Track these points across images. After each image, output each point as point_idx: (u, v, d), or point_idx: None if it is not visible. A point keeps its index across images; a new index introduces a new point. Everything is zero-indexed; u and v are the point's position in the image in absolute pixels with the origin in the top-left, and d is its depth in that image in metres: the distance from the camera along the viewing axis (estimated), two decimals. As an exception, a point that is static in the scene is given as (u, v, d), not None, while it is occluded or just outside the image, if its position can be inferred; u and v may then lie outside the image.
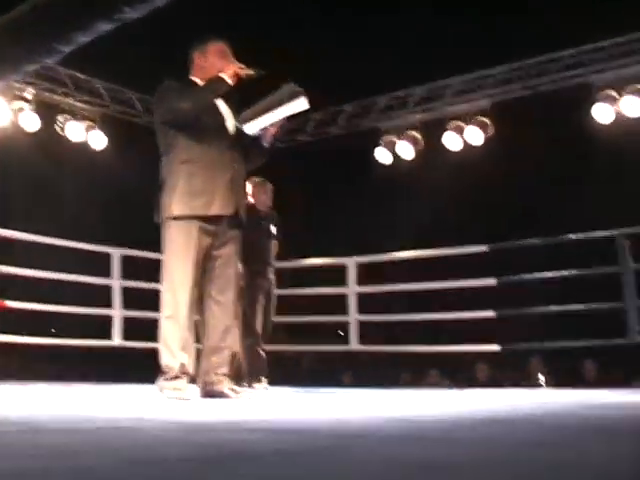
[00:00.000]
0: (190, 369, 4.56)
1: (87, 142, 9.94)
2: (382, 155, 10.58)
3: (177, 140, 4.64)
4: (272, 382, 7.07)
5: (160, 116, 4.72)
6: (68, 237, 8.38)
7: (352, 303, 9.04)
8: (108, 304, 8.49)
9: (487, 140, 9.94)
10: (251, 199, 7.04)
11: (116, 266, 8.57)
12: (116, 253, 8.60)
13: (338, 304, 9.20)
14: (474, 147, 9.99)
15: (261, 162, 5.08)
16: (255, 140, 4.82)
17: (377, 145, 10.58)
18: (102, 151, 10.04)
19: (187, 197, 4.56)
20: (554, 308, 8.42)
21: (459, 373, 9.98)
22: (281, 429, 2.68)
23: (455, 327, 8.92)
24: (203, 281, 4.68)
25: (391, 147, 10.50)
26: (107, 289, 8.52)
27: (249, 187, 6.95)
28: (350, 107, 10.86)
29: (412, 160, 10.49)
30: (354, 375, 10.39)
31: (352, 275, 9.10)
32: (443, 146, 10.16)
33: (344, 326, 9.15)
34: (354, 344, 9.06)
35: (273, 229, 7.18)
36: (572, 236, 8.22)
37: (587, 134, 9.49)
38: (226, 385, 4.70)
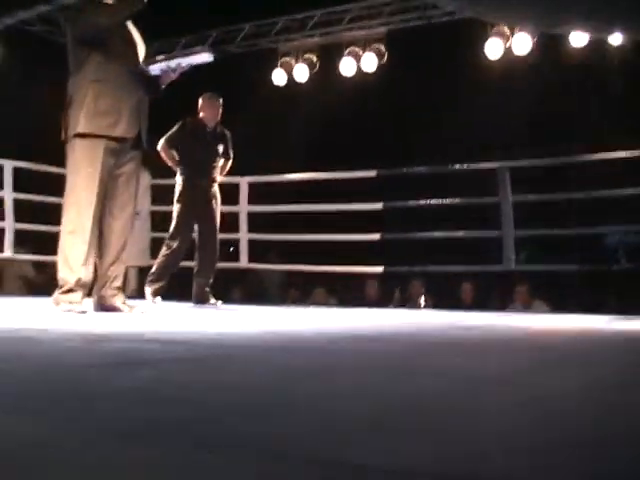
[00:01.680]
0: (87, 283, 4.73)
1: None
2: (278, 76, 10.69)
3: (89, 59, 4.71)
4: (167, 297, 7.26)
5: (78, 30, 4.74)
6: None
7: (243, 222, 9.23)
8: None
9: (380, 67, 10.17)
10: (201, 113, 7.18)
11: (7, 178, 8.47)
12: (8, 165, 8.48)
13: (230, 222, 9.38)
14: (367, 73, 10.20)
15: (151, 98, 5.15)
16: (154, 77, 4.99)
17: (274, 66, 10.67)
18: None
19: (94, 116, 4.66)
20: (437, 234, 8.80)
21: (348, 293, 10.30)
22: (171, 340, 2.91)
23: (344, 248, 9.20)
24: (104, 199, 4.80)
25: (288, 69, 10.61)
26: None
27: (200, 101, 7.18)
28: (248, 27, 10.87)
29: (306, 82, 10.65)
30: (244, 292, 10.63)
31: (244, 194, 9.27)
32: (337, 70, 10.34)
33: (235, 244, 9.34)
34: (244, 262, 9.30)
35: (220, 147, 7.29)
36: (456, 166, 8.58)
37: (478, 67, 9.80)
38: (120, 299, 4.88)
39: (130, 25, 4.97)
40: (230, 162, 7.47)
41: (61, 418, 1.25)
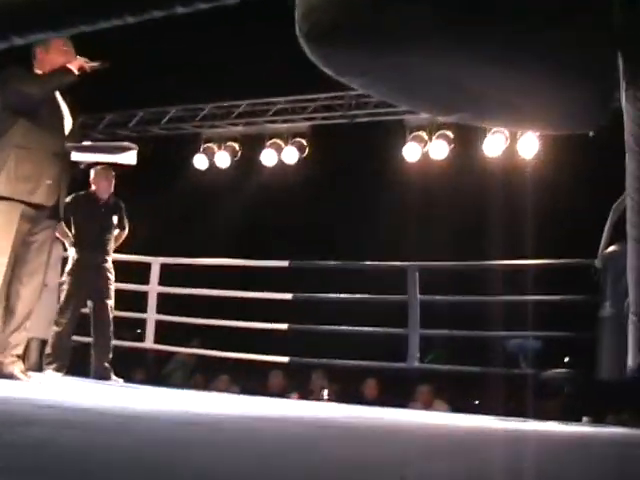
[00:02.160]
0: None
1: None
2: (200, 161, 10.80)
3: (16, 125, 4.75)
4: (70, 372, 7.13)
5: (6, 98, 4.78)
6: None
7: (152, 301, 9.17)
8: None
9: (301, 160, 10.38)
10: (93, 186, 7.17)
11: None
12: None
13: (138, 301, 9.30)
14: (288, 165, 10.39)
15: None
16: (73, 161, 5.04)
17: (196, 151, 10.78)
18: None
19: (14, 180, 4.68)
20: (344, 328, 8.87)
21: (253, 381, 10.23)
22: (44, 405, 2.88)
23: (251, 336, 9.20)
24: (14, 265, 4.76)
25: (210, 155, 10.74)
26: None
27: (91, 173, 7.09)
28: (174, 110, 11.00)
29: (227, 169, 10.78)
30: (147, 372, 10.47)
31: (155, 274, 9.23)
32: (259, 160, 10.50)
33: (142, 323, 9.25)
34: (149, 342, 9.19)
35: (114, 218, 7.26)
36: (368, 263, 8.74)
37: (395, 170, 10.09)
38: (18, 367, 4.79)
39: (58, 96, 5.04)
40: (125, 232, 7.47)
41: None
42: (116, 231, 7.38)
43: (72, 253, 7.16)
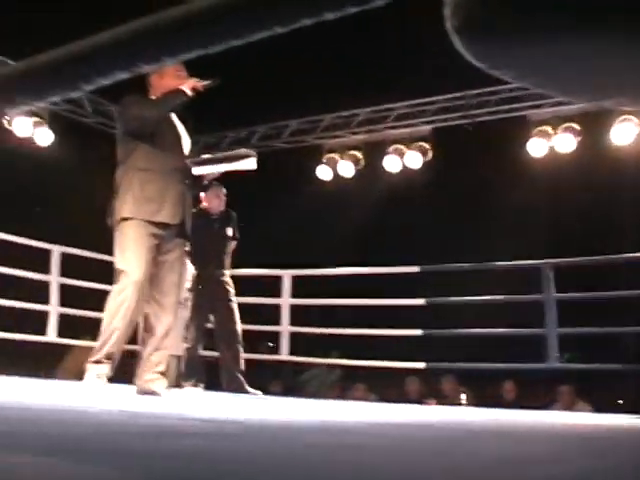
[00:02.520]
0: (116, 359, 4.81)
1: (33, 137, 10.01)
2: (323, 172, 10.85)
3: (137, 149, 4.92)
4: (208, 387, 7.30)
5: (126, 123, 4.98)
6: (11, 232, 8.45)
7: (285, 314, 9.26)
8: (46, 301, 8.56)
9: (425, 164, 10.30)
10: (204, 203, 7.32)
11: (55, 263, 8.62)
12: (56, 250, 8.65)
13: (270, 315, 9.42)
14: (412, 170, 10.32)
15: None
16: (197, 176, 5.22)
17: (319, 162, 10.84)
18: (48, 147, 10.10)
19: (139, 202, 4.84)
20: (480, 330, 8.75)
21: (389, 388, 10.22)
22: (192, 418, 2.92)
23: (385, 343, 9.18)
24: (149, 285, 4.91)
25: (333, 165, 10.77)
26: (46, 285, 8.59)
27: (201, 194, 7.26)
28: (295, 123, 11.11)
29: (351, 178, 10.79)
30: (283, 384, 10.59)
31: (287, 287, 9.32)
32: (382, 166, 10.47)
33: (276, 336, 9.34)
34: (284, 354, 9.29)
35: (229, 231, 7.39)
36: (500, 263, 8.58)
37: (520, 167, 9.91)
38: (161, 384, 4.92)
39: (174, 118, 5.20)
40: (235, 243, 7.53)
41: None
42: (233, 243, 7.49)
43: (191, 270, 7.29)
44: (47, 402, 3.71)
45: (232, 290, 7.35)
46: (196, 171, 5.15)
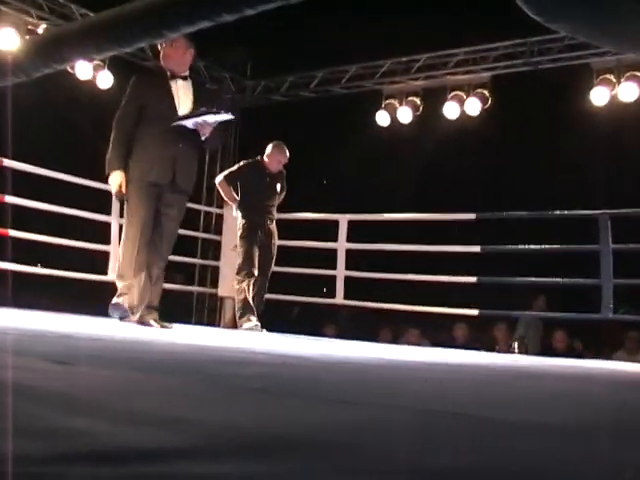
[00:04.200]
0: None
1: (94, 80, 10.13)
2: (382, 118, 10.82)
3: (138, 131, 5.81)
4: (264, 326, 7.55)
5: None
6: (73, 172, 8.64)
7: (341, 258, 9.35)
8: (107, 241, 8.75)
9: (484, 111, 10.21)
10: (265, 159, 7.82)
11: (115, 204, 8.75)
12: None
13: (326, 259, 9.54)
14: (470, 117, 10.25)
15: (209, 149, 6.58)
16: (195, 131, 5.82)
17: (377, 108, 10.81)
18: (107, 90, 10.20)
19: (134, 166, 5.76)
20: (533, 279, 8.77)
21: (438, 334, 10.30)
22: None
23: (438, 289, 9.24)
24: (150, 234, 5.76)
25: (392, 111, 10.74)
26: (107, 226, 8.77)
27: (269, 147, 7.86)
28: (354, 68, 11.07)
29: (409, 124, 10.75)
30: (338, 327, 10.74)
31: (343, 232, 9.40)
32: (441, 113, 10.41)
33: (332, 280, 9.45)
34: (339, 298, 9.40)
35: (278, 187, 7.87)
36: (556, 212, 8.53)
37: (582, 116, 9.79)
38: (153, 317, 5.69)
39: (181, 84, 5.92)
40: (283, 196, 8.07)
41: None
42: (281, 197, 8.03)
43: (239, 217, 7.79)
44: (108, 334, 3.90)
45: (276, 239, 7.89)
46: (188, 125, 5.74)
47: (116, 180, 5.72)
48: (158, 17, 1.64)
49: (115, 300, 5.87)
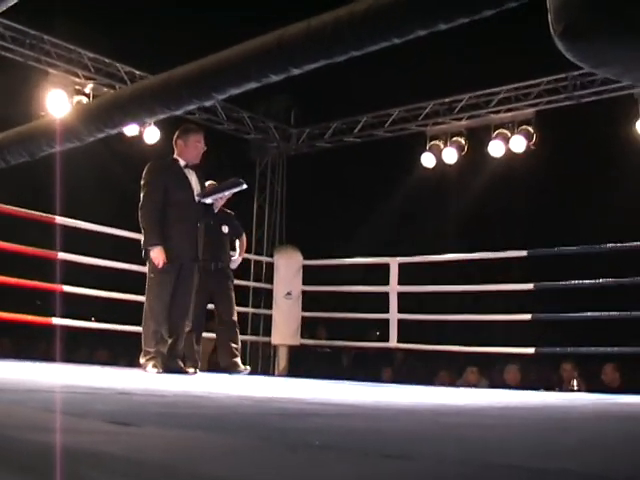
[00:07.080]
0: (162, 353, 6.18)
1: (141, 136, 10.26)
2: (427, 159, 10.82)
3: (166, 216, 6.29)
4: (312, 376, 7.46)
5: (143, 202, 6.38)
6: (119, 226, 8.74)
7: (393, 301, 9.33)
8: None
9: (529, 148, 10.18)
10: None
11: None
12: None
13: (376, 302, 9.53)
14: (516, 154, 10.22)
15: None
16: (210, 205, 6.54)
17: (422, 150, 10.84)
18: (153, 145, 10.32)
19: (167, 247, 6.20)
20: (589, 314, 8.64)
21: (494, 373, 10.20)
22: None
23: (492, 328, 9.18)
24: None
25: (437, 152, 10.75)
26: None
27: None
28: (397, 112, 11.13)
29: (455, 164, 10.76)
30: (393, 372, 10.68)
31: (394, 274, 9.39)
32: (486, 151, 10.40)
33: (385, 323, 9.43)
34: (393, 342, 9.36)
35: (225, 228, 7.67)
36: (610, 246, 8.43)
37: (628, 147, 9.72)
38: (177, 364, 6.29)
39: (189, 172, 6.45)
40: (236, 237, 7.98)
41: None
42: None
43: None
44: (160, 389, 3.92)
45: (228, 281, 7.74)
46: (206, 200, 6.43)
47: (159, 254, 6.12)
48: (207, 81, 1.70)
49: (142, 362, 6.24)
